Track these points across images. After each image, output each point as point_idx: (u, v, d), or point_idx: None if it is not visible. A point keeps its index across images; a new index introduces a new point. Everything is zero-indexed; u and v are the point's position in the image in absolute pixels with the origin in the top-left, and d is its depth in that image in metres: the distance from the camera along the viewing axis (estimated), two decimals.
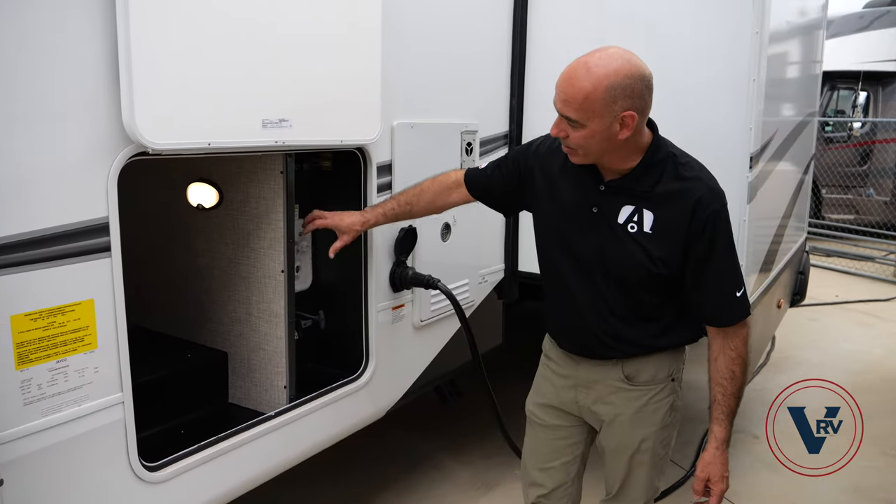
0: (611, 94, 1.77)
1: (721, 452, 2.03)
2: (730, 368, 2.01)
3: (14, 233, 1.59)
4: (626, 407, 2.12)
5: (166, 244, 2.75)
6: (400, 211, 2.45)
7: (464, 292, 3.15)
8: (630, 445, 2.14)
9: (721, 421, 2.03)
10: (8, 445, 1.60)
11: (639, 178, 1.93)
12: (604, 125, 1.80)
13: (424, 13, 2.79)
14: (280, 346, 2.46)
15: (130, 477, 1.88)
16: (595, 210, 1.99)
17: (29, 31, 1.58)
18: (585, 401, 2.18)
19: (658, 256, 1.93)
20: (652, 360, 2.10)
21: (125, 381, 1.85)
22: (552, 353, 2.26)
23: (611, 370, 2.11)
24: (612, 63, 1.78)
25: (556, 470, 2.26)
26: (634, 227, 1.94)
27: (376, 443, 3.89)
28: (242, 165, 2.43)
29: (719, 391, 2.02)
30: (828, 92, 10.17)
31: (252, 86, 2.02)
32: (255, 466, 2.29)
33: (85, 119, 1.70)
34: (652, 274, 1.95)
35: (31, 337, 1.64)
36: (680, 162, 1.95)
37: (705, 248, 1.92)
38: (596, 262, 2.01)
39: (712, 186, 1.95)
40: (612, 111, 1.78)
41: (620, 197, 1.96)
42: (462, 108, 3.08)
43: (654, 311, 2.05)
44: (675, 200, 1.91)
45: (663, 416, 2.12)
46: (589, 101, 1.77)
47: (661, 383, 2.12)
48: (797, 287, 4.72)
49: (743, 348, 2.01)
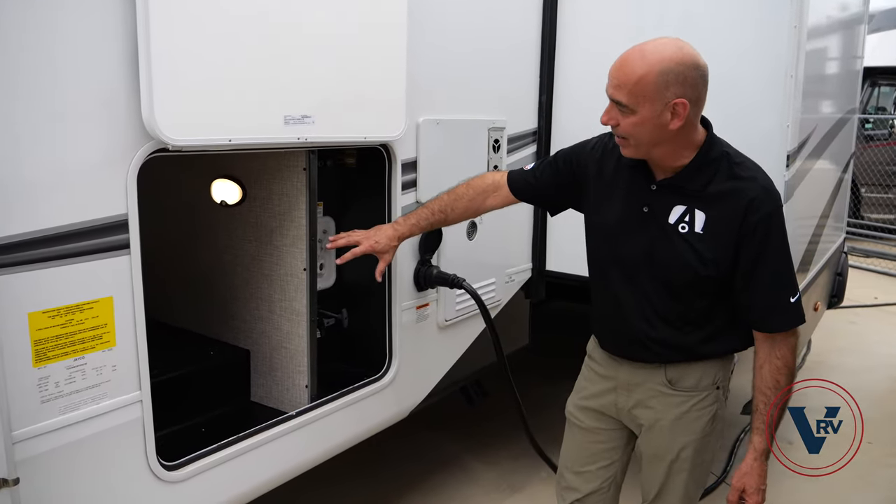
0: (663, 80, 1.75)
1: (759, 464, 1.96)
2: (775, 378, 1.94)
3: (32, 230, 1.58)
4: (667, 412, 2.05)
5: (190, 240, 2.75)
6: (434, 220, 2.38)
7: (490, 292, 3.10)
8: (669, 452, 2.07)
9: (761, 431, 1.96)
10: (24, 444, 1.59)
11: (691, 176, 1.89)
12: (655, 112, 1.78)
13: (451, 8, 2.75)
14: (302, 345, 2.44)
15: (148, 476, 1.87)
16: (646, 210, 1.95)
17: (50, 31, 1.57)
18: (626, 404, 2.12)
19: (709, 258, 1.88)
20: (697, 366, 2.03)
21: (143, 380, 1.84)
22: (595, 354, 2.22)
23: (653, 373, 2.05)
24: (667, 50, 1.77)
25: (591, 474, 2.21)
26: (685, 228, 1.90)
27: (404, 443, 3.87)
28: (266, 162, 2.42)
29: (762, 400, 1.95)
30: (868, 88, 9.89)
31: (274, 82, 1.99)
32: (275, 466, 2.27)
33: (105, 116, 1.68)
34: (700, 276, 1.89)
35: (49, 334, 1.63)
36: (735, 161, 1.90)
37: (757, 250, 1.86)
38: (644, 263, 1.96)
39: (767, 187, 1.88)
40: (664, 97, 1.77)
41: (672, 196, 1.92)
42: (489, 105, 3.03)
43: (701, 317, 1.98)
44: (727, 200, 1.86)
45: (705, 425, 2.05)
46: (640, 85, 1.76)
47: (706, 390, 2.04)
48: (835, 289, 4.59)
49: (790, 358, 1.93)
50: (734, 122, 2.86)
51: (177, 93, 1.76)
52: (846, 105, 4.39)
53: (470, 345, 3.08)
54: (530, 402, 3.11)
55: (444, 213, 2.37)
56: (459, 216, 2.40)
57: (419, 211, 2.41)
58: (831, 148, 3.93)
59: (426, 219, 2.37)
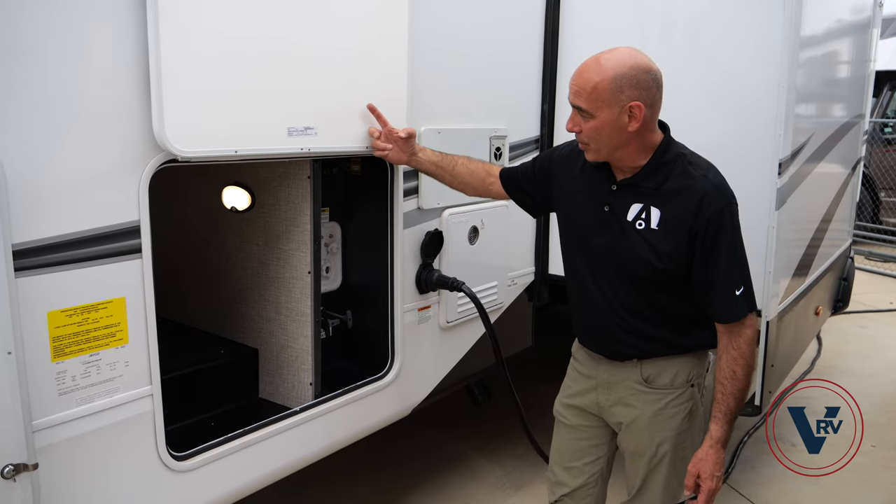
0: (617, 84, 1.88)
1: (715, 451, 2.04)
2: (731, 368, 2.03)
3: (51, 235, 1.71)
4: (645, 409, 2.15)
5: (202, 244, 2.88)
6: (444, 164, 2.50)
7: (491, 294, 3.20)
8: (648, 448, 2.17)
9: (718, 420, 2.05)
10: (43, 432, 1.73)
11: (648, 176, 2.01)
12: (612, 115, 1.91)
13: (453, 19, 2.85)
14: (306, 345, 2.56)
15: (158, 465, 2.00)
16: (607, 209, 2.06)
17: (71, 55, 1.70)
18: (606, 402, 2.22)
19: (664, 252, 1.98)
20: (672, 364, 2.13)
21: (154, 375, 1.96)
22: (578, 355, 2.34)
23: (630, 371, 2.15)
24: (620, 57, 1.92)
25: (578, 469, 2.31)
26: (642, 224, 2.01)
27: (411, 440, 3.98)
28: (273, 170, 2.54)
29: (719, 390, 2.05)
30: (888, 92, 9.80)
31: (277, 96, 2.12)
32: (279, 459, 2.38)
33: (118, 130, 1.81)
34: (658, 269, 2.00)
35: (67, 332, 1.76)
36: (689, 161, 2.02)
37: (709, 244, 1.97)
38: (608, 259, 2.07)
39: (718, 184, 1.99)
40: (620, 101, 1.90)
41: (630, 195, 2.03)
42: (491, 113, 3.13)
43: (667, 310, 2.08)
44: (681, 198, 1.97)
45: (681, 421, 2.15)
46: (597, 90, 1.89)
47: (681, 388, 2.14)
48: (840, 294, 4.61)
49: (746, 349, 2.02)
50: (726, 129, 2.97)
51: (185, 108, 1.88)
52: (852, 110, 4.41)
53: (472, 346, 3.17)
54: (534, 403, 3.19)
55: (453, 164, 2.49)
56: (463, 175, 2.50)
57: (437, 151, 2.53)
58: (834, 153, 3.96)
59: (439, 159, 2.50)
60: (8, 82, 1.61)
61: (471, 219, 3.02)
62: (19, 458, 1.66)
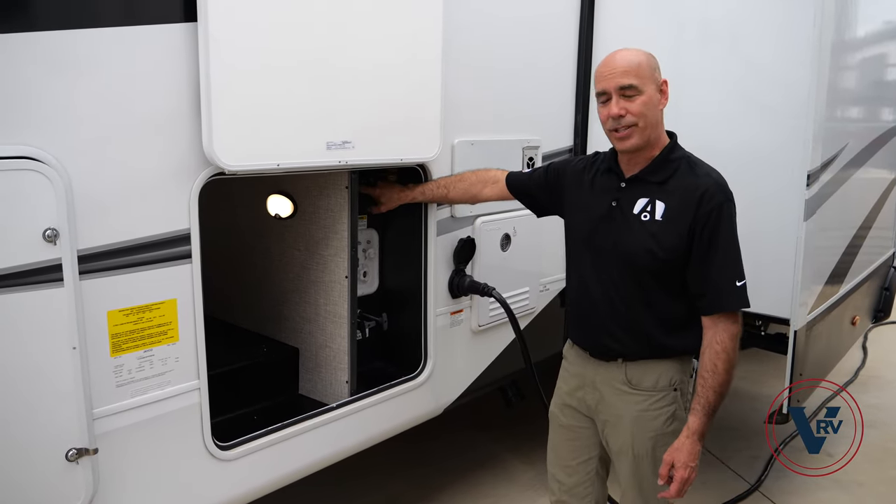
0: (653, 63, 2.13)
1: (692, 442, 2.10)
2: (713, 362, 2.10)
3: (111, 241, 1.89)
4: (627, 410, 2.24)
5: (248, 249, 3.06)
6: (437, 192, 2.74)
7: (523, 300, 3.30)
8: (631, 448, 2.25)
9: (697, 412, 2.11)
10: (102, 420, 1.91)
11: (655, 170, 2.16)
12: (653, 91, 2.11)
13: (487, 34, 2.96)
14: (343, 345, 2.70)
15: (204, 453, 2.17)
16: (614, 204, 2.20)
17: (127, 73, 1.88)
18: (591, 401, 2.33)
19: (666, 243, 2.10)
20: (656, 367, 2.22)
21: (202, 370, 2.13)
22: (568, 354, 2.45)
23: (615, 371, 2.25)
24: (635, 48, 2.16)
25: (573, 468, 2.42)
26: (647, 216, 2.14)
27: (447, 439, 4.10)
28: (315, 180, 2.69)
29: (700, 383, 2.12)
30: None
31: (317, 113, 2.26)
32: (317, 452, 2.54)
33: (170, 146, 1.98)
34: (658, 259, 2.11)
35: (124, 329, 1.94)
36: (693, 162, 2.18)
37: (708, 236, 2.08)
38: (611, 250, 2.19)
39: (720, 183, 2.13)
40: (655, 78, 2.12)
41: (637, 190, 2.17)
42: (525, 124, 3.23)
43: (664, 309, 2.17)
44: (684, 193, 2.10)
45: (663, 423, 2.22)
46: (642, 66, 2.09)
47: (663, 391, 2.22)
48: (881, 303, 4.55)
49: (729, 344, 2.09)
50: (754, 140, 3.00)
51: (232, 125, 2.04)
52: (894, 115, 4.34)
53: (504, 349, 3.28)
54: None
55: (446, 188, 2.73)
56: (458, 195, 2.73)
57: (429, 183, 2.76)
58: (874, 160, 3.91)
59: (431, 189, 2.75)
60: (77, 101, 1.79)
61: (503, 226, 3.13)
62: (81, 443, 1.85)
